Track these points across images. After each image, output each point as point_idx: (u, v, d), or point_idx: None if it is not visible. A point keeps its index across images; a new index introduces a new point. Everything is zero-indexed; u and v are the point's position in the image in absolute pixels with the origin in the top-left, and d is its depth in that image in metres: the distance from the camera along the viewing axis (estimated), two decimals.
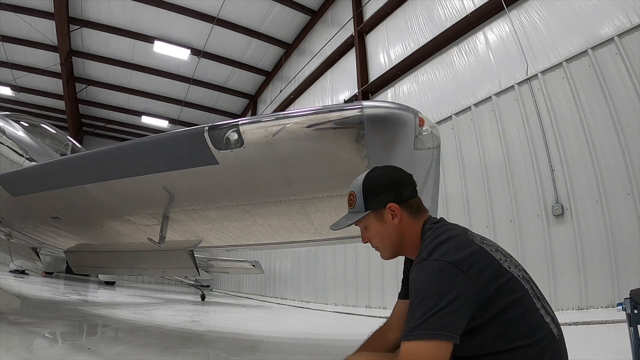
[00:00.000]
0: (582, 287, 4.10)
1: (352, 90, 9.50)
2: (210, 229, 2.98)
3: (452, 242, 1.02)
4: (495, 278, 0.98)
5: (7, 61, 13.06)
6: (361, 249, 7.89)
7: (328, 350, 3.53)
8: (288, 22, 12.53)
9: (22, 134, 3.86)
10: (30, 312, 4.23)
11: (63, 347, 2.70)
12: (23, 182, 2.88)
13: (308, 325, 5.92)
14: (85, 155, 2.72)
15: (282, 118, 1.69)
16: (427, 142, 1.69)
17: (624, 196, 4.00)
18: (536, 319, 0.99)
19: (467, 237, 1.06)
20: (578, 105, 4.57)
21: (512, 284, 0.99)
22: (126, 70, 14.40)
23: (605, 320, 3.47)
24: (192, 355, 2.90)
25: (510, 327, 0.97)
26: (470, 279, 0.94)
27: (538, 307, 1.00)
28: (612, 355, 2.52)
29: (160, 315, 5.59)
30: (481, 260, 0.99)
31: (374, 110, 1.59)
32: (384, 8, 8.74)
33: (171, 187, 2.30)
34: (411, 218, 1.15)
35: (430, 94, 7.22)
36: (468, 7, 6.51)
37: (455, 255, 0.97)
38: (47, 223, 3.36)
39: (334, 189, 2.21)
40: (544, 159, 4.84)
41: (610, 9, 4.47)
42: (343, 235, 3.13)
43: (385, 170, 1.20)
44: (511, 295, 0.98)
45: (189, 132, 1.89)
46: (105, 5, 11.57)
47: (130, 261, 4.08)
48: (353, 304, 7.89)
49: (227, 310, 8.05)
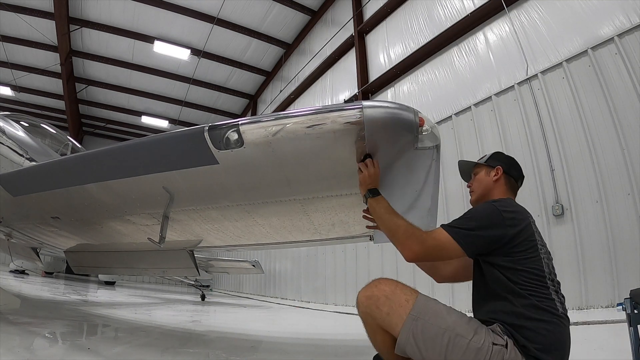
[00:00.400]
0: (582, 287, 4.11)
1: (352, 90, 9.51)
2: (210, 229, 2.98)
3: (512, 207, 1.38)
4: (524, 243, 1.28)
5: (7, 61, 13.06)
6: (361, 249, 7.90)
7: (328, 350, 3.53)
8: (288, 22, 12.53)
9: (22, 134, 3.86)
10: (30, 312, 4.23)
11: (63, 347, 2.70)
12: (23, 182, 2.88)
13: (308, 325, 5.92)
14: (85, 155, 2.71)
15: (282, 118, 1.69)
16: (427, 142, 1.69)
17: (624, 196, 4.00)
18: (544, 292, 1.23)
19: (527, 214, 1.39)
20: (578, 105, 4.57)
21: (534, 256, 1.28)
22: (126, 70, 14.40)
23: (605, 320, 3.47)
24: (192, 355, 2.90)
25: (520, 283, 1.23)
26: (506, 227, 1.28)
27: (548, 285, 1.25)
28: (612, 355, 2.52)
29: (160, 315, 5.59)
30: (523, 227, 1.31)
31: (374, 110, 1.58)
32: (384, 8, 8.74)
33: (171, 187, 2.30)
34: (504, 188, 1.56)
35: (430, 94, 7.22)
36: (468, 7, 6.51)
37: (507, 209, 1.33)
38: (47, 223, 3.36)
39: (334, 189, 2.21)
40: (544, 159, 4.83)
41: (610, 9, 4.47)
42: (343, 235, 3.13)
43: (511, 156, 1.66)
44: (528, 263, 1.26)
45: (189, 132, 1.89)
46: (105, 5, 11.57)
47: (130, 261, 4.07)
48: (353, 304, 7.81)
49: (227, 310, 8.05)
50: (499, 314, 1.23)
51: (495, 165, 1.59)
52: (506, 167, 1.57)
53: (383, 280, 1.31)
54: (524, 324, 1.16)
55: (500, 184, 1.55)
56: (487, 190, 1.57)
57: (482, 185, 1.59)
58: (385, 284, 1.29)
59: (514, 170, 1.59)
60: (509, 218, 1.30)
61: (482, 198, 1.57)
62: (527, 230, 1.31)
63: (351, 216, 2.61)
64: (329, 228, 2.90)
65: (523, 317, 1.17)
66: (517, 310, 1.19)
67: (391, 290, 1.26)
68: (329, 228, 2.90)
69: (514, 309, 1.19)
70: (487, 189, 1.57)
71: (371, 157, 1.70)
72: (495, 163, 1.59)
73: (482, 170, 1.62)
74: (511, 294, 1.22)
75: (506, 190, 1.55)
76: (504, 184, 1.56)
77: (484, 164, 1.62)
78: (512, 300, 1.21)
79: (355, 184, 1.78)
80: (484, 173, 1.60)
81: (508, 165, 1.58)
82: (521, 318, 1.17)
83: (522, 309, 1.18)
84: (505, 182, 1.56)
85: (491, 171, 1.58)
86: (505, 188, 1.55)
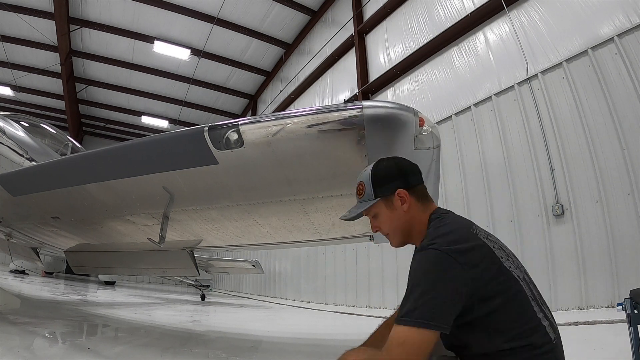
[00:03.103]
0: (582, 287, 4.10)
1: (352, 90, 9.51)
2: (210, 229, 2.98)
3: (454, 234, 1.03)
4: (493, 275, 0.98)
5: (7, 61, 13.06)
6: (361, 249, 7.89)
7: (328, 350, 3.52)
8: (288, 22, 12.53)
9: (22, 134, 3.86)
10: (30, 312, 4.22)
11: (63, 347, 2.70)
12: (23, 182, 2.88)
13: (308, 325, 5.92)
14: (85, 155, 2.72)
15: (282, 118, 1.69)
16: (427, 142, 1.69)
17: (624, 196, 4.00)
18: (532, 321, 0.99)
19: (471, 230, 1.06)
20: (578, 105, 4.57)
21: (510, 283, 1.00)
22: (126, 70, 14.41)
23: (605, 320, 3.47)
24: (192, 355, 2.90)
25: (505, 327, 0.97)
26: (467, 271, 0.95)
27: (535, 310, 1.00)
28: (612, 355, 2.52)
29: (160, 315, 5.59)
30: (481, 256, 1.00)
31: (374, 110, 1.59)
32: (384, 8, 8.75)
33: (171, 187, 2.30)
34: (419, 205, 1.18)
35: (430, 94, 7.22)
36: (468, 7, 6.51)
37: (454, 247, 0.98)
38: (47, 223, 3.36)
39: (334, 189, 2.21)
40: (544, 159, 4.83)
41: (610, 9, 4.47)
42: (343, 235, 3.14)
43: (391, 160, 1.23)
44: (508, 295, 0.98)
45: (189, 132, 1.89)
46: (105, 5, 11.57)
47: (130, 261, 4.08)
48: (353, 304, 7.88)
49: (227, 310, 8.05)
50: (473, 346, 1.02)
51: (391, 190, 1.16)
52: (403, 182, 1.17)
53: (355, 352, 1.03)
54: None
55: (414, 207, 1.16)
56: (406, 226, 1.18)
57: (396, 226, 1.19)
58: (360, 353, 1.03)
59: (412, 176, 1.20)
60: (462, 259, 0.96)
61: (407, 238, 1.21)
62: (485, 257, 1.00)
63: None
64: (329, 228, 2.90)
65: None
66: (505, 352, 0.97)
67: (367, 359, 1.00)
68: (329, 228, 2.90)
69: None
70: (405, 226, 1.18)
71: None
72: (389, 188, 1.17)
73: (382, 207, 1.19)
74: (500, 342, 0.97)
75: (422, 208, 1.17)
76: (415, 201, 1.17)
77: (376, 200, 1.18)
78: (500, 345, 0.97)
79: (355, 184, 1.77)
80: (384, 208, 1.18)
81: (402, 178, 1.18)
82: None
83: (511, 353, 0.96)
84: (415, 201, 1.17)
85: (394, 201, 1.16)
86: (419, 207, 1.17)
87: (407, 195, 1.16)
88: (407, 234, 1.19)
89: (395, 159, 1.23)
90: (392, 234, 1.22)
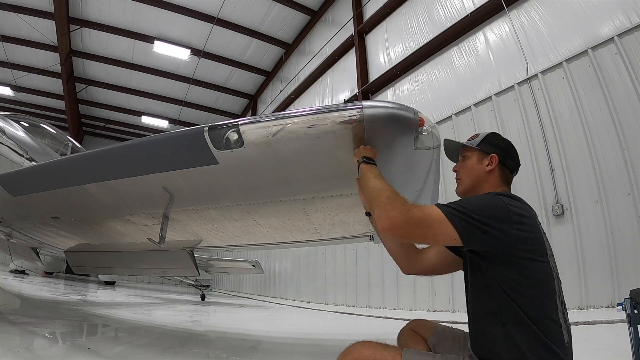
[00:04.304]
0: (582, 287, 4.11)
1: (352, 90, 9.51)
2: (210, 229, 2.98)
3: (522, 204, 1.14)
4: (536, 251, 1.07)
5: (7, 61, 13.06)
6: (361, 249, 7.90)
7: (328, 350, 3.52)
8: (288, 22, 12.53)
9: (22, 134, 3.86)
10: (30, 312, 4.23)
11: (63, 347, 2.70)
12: (23, 182, 2.88)
13: (308, 325, 5.92)
14: (85, 155, 2.71)
15: (282, 118, 1.69)
16: (427, 142, 1.69)
17: (624, 196, 4.00)
18: (551, 312, 1.03)
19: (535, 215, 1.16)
20: (578, 105, 4.57)
21: (546, 270, 1.07)
22: (126, 70, 14.41)
23: (605, 320, 3.47)
24: (192, 355, 2.90)
25: (528, 297, 1.03)
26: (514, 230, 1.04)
27: (558, 307, 1.05)
28: (612, 355, 2.52)
29: (160, 315, 5.59)
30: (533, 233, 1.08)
31: (374, 110, 1.58)
32: (384, 8, 8.75)
33: (171, 187, 2.30)
34: (499, 179, 1.32)
35: (430, 94, 7.22)
36: (468, 7, 6.51)
37: (517, 210, 1.09)
38: (47, 223, 3.36)
39: (334, 189, 2.21)
40: (544, 159, 4.83)
41: (610, 9, 4.47)
42: (343, 235, 3.13)
43: (507, 140, 1.42)
44: (540, 277, 1.06)
45: (189, 132, 1.89)
46: (105, 5, 11.57)
47: (130, 261, 4.07)
48: (353, 304, 7.88)
49: (227, 310, 8.05)
50: (495, 352, 1.04)
51: (490, 152, 1.33)
52: (502, 155, 1.32)
53: (362, 344, 1.12)
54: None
55: (493, 176, 1.31)
56: (478, 181, 1.33)
57: (472, 175, 1.34)
58: (365, 347, 1.11)
59: (511, 160, 1.34)
60: (516, 216, 1.06)
61: (471, 190, 1.34)
62: (536, 233, 1.09)
63: (351, 216, 2.61)
64: (329, 228, 2.90)
65: None
66: (520, 348, 0.99)
67: (372, 353, 1.10)
68: (329, 228, 2.90)
69: (515, 348, 0.99)
70: (478, 180, 1.33)
71: None
72: (490, 149, 1.34)
73: (474, 156, 1.36)
74: (512, 322, 1.01)
75: (500, 183, 1.31)
76: (498, 175, 1.31)
77: (477, 148, 1.36)
78: (514, 334, 1.00)
79: (355, 184, 1.78)
80: (475, 160, 1.35)
81: (504, 153, 1.33)
82: None
83: (525, 347, 0.98)
84: (499, 174, 1.31)
85: (484, 159, 1.33)
86: (499, 180, 1.31)
87: (497, 163, 1.31)
88: (475, 188, 1.33)
89: (510, 142, 1.41)
90: (463, 180, 1.38)
